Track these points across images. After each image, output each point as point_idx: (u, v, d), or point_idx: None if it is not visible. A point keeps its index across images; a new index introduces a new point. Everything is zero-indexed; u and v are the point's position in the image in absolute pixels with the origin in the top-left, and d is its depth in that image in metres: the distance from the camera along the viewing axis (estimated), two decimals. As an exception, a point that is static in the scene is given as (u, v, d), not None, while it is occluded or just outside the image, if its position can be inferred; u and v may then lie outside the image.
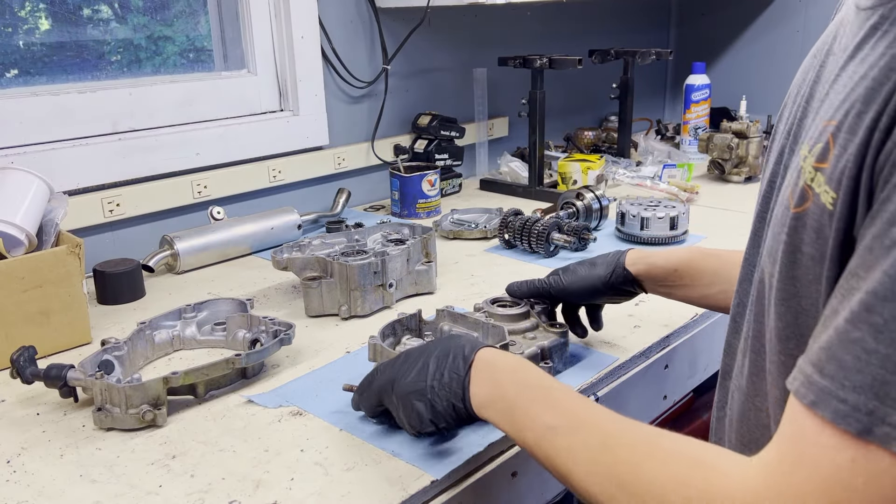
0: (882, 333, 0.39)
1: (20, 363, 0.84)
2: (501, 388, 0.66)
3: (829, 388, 0.41)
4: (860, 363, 0.40)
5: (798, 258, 0.51)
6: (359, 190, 1.70)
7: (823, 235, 0.48)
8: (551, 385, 0.65)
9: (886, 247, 0.41)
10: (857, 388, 0.40)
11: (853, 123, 0.46)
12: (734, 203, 1.64)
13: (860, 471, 0.40)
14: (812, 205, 0.49)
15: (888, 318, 0.39)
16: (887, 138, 0.43)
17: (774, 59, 2.30)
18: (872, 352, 0.40)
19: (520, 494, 0.81)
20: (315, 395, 0.86)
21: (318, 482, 0.71)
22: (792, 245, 0.51)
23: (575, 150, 2.10)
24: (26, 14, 1.31)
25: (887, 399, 0.39)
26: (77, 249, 0.99)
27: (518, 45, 1.96)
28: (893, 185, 0.42)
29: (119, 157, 1.31)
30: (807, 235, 0.50)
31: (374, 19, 1.66)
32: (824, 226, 0.47)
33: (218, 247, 1.33)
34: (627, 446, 0.55)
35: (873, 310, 0.40)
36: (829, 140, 0.48)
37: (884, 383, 0.39)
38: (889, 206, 0.42)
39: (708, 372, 1.13)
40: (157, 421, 0.81)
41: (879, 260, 0.41)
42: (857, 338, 0.40)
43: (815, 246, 0.49)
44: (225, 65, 1.57)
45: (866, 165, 0.44)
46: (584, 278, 0.91)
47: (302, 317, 1.09)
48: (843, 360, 0.41)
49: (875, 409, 0.39)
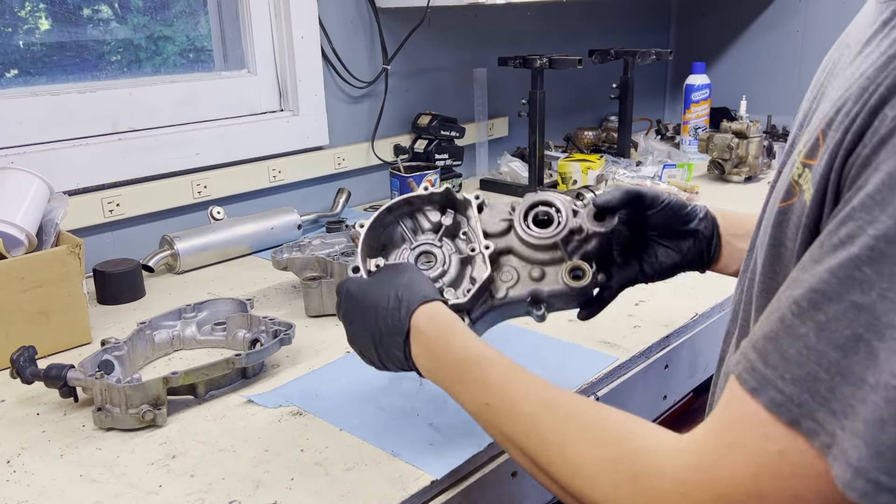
0: (824, 332, 0.41)
1: (20, 363, 0.84)
2: (437, 359, 0.64)
3: (769, 378, 0.43)
4: (801, 357, 0.41)
5: (781, 252, 0.51)
6: (359, 190, 1.70)
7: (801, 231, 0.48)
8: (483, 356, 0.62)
9: (834, 245, 0.42)
10: (795, 381, 0.41)
11: (840, 121, 0.45)
12: (734, 203, 1.64)
13: (787, 460, 0.41)
14: (797, 200, 0.49)
15: (831, 318, 0.40)
16: (859, 141, 0.43)
17: (774, 59, 2.30)
18: (812, 348, 0.41)
19: (520, 494, 0.81)
20: (315, 395, 0.87)
21: (318, 482, 0.71)
22: (775, 239, 0.52)
23: (575, 150, 2.10)
24: (26, 14, 1.31)
25: (817, 395, 0.40)
26: (77, 249, 0.99)
27: (518, 45, 1.96)
28: (857, 187, 0.42)
29: (119, 157, 1.31)
30: (789, 231, 0.50)
31: (374, 19, 1.66)
32: (801, 222, 0.48)
33: (218, 247, 1.33)
34: (556, 427, 0.55)
35: (820, 307, 0.41)
36: (818, 136, 0.48)
37: (816, 380, 0.40)
38: (846, 208, 0.42)
39: (708, 372, 1.13)
40: (157, 421, 0.81)
41: (825, 257, 0.42)
42: (803, 333, 0.42)
43: (795, 241, 0.49)
44: (225, 65, 1.57)
45: (835, 167, 0.44)
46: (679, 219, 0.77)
47: (302, 317, 1.09)
48: (787, 352, 0.42)
49: (805, 402, 0.41)
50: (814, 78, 0.61)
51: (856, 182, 0.42)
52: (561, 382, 0.87)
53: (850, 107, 0.45)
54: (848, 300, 0.40)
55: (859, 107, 0.44)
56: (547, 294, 0.73)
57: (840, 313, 0.40)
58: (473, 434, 0.77)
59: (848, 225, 0.41)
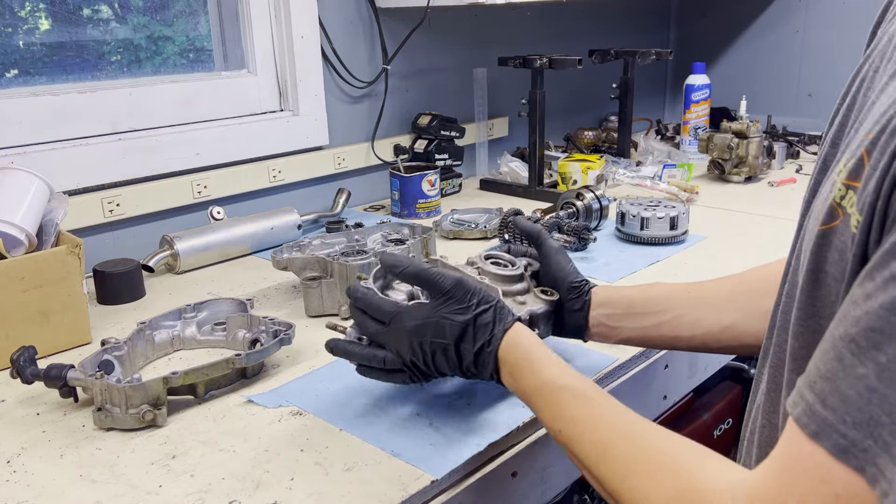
0: (885, 373, 0.40)
1: (20, 363, 0.84)
2: (520, 383, 0.69)
3: (830, 421, 0.41)
4: (862, 400, 0.40)
5: (821, 278, 0.49)
6: (359, 190, 1.70)
7: (846, 258, 0.46)
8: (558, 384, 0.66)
9: (885, 279, 0.40)
10: (856, 425, 0.40)
11: (886, 142, 0.43)
12: (734, 203, 1.64)
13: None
14: (840, 224, 0.47)
15: (892, 358, 0.40)
16: None
17: (774, 59, 2.30)
18: (874, 390, 0.40)
19: (520, 494, 0.81)
20: (315, 395, 0.86)
21: (318, 482, 0.71)
22: (815, 263, 0.50)
23: (575, 150, 2.10)
24: (26, 14, 1.31)
25: (879, 440, 0.39)
26: (77, 249, 0.99)
27: (518, 45, 1.96)
28: None
29: (119, 157, 1.31)
30: (831, 255, 0.48)
31: (374, 19, 1.66)
32: (847, 248, 0.46)
33: (218, 247, 1.33)
34: (621, 457, 0.57)
35: (879, 347, 0.40)
36: (863, 155, 0.45)
37: (879, 424, 0.40)
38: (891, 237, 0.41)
39: (708, 372, 1.13)
40: (157, 421, 0.81)
41: (878, 293, 0.41)
42: (862, 374, 0.40)
43: (838, 267, 0.47)
44: (225, 65, 1.57)
45: (882, 193, 0.42)
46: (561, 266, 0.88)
47: (302, 317, 1.09)
48: (847, 394, 0.41)
49: (868, 447, 0.40)
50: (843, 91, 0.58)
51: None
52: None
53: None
54: None
55: None
56: (538, 313, 0.85)
57: None
58: (473, 434, 0.77)
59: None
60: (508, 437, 0.78)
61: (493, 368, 0.71)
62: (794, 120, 2.21)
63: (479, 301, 0.72)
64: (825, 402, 0.42)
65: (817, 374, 0.43)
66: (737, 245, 1.37)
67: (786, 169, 1.95)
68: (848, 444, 0.40)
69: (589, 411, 0.62)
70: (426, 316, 0.72)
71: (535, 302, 0.86)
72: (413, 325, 0.72)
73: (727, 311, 0.80)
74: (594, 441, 0.60)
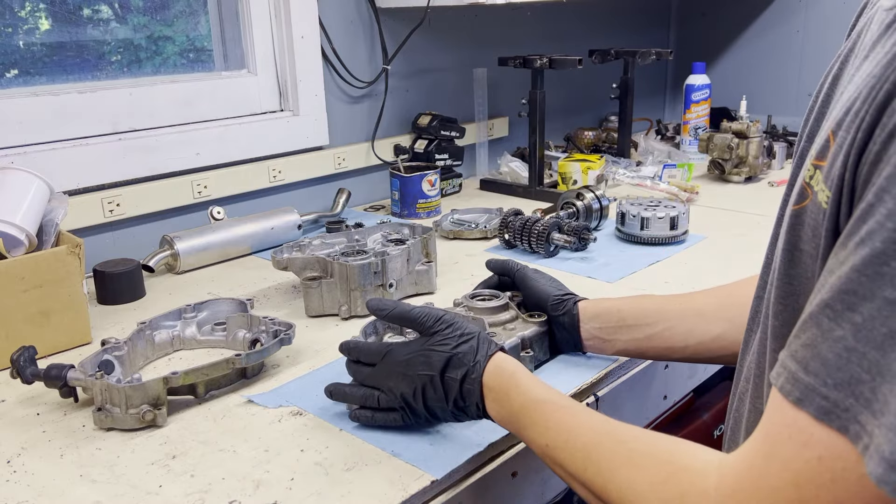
0: (861, 332, 0.40)
1: (20, 363, 0.84)
2: (506, 407, 0.70)
3: (812, 386, 0.42)
4: (841, 361, 0.41)
5: (796, 256, 0.51)
6: (359, 190, 1.70)
7: (818, 234, 0.48)
8: (542, 398, 0.68)
9: (856, 243, 0.42)
10: (838, 385, 0.41)
11: (851, 121, 0.45)
12: (734, 203, 1.64)
13: (827, 466, 0.41)
14: (810, 203, 0.49)
15: (867, 317, 0.40)
16: (869, 139, 0.43)
17: (774, 59, 2.30)
18: (853, 349, 0.40)
19: (520, 494, 0.81)
20: (315, 395, 0.86)
21: (318, 482, 0.71)
22: (790, 243, 0.52)
23: (575, 150, 2.10)
24: (26, 14, 1.31)
25: (861, 397, 0.40)
26: (77, 249, 0.99)
27: (518, 45, 1.96)
28: (871, 184, 0.42)
29: (119, 157, 1.31)
30: (804, 233, 0.50)
31: (374, 19, 1.66)
32: (819, 224, 0.48)
33: (218, 247, 1.33)
34: (607, 454, 0.58)
35: (854, 308, 0.41)
36: (829, 136, 0.48)
37: (859, 382, 0.40)
38: (862, 205, 0.42)
39: (708, 372, 1.13)
40: (157, 421, 0.81)
41: (850, 257, 0.42)
42: (840, 336, 0.41)
43: (812, 244, 0.49)
44: (225, 65, 1.57)
45: (849, 165, 0.44)
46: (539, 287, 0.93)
47: (302, 317, 1.09)
48: (827, 357, 0.42)
49: (850, 406, 0.40)
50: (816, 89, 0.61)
51: (869, 179, 0.42)
52: (562, 383, 0.88)
53: (860, 106, 0.45)
54: (880, 297, 0.40)
55: (867, 105, 0.44)
56: (529, 336, 0.90)
57: (875, 311, 0.40)
58: (473, 434, 0.77)
59: (868, 222, 0.41)
60: (508, 438, 0.78)
61: (479, 397, 0.72)
62: (794, 120, 2.21)
63: (462, 333, 0.75)
64: (807, 368, 0.43)
65: (798, 343, 0.44)
66: (737, 245, 1.37)
67: (786, 169, 1.95)
68: (830, 406, 0.41)
69: (573, 419, 0.64)
70: (414, 350, 0.75)
71: (524, 326, 0.91)
72: (401, 359, 0.75)
73: (717, 321, 0.82)
74: (579, 447, 0.61)
